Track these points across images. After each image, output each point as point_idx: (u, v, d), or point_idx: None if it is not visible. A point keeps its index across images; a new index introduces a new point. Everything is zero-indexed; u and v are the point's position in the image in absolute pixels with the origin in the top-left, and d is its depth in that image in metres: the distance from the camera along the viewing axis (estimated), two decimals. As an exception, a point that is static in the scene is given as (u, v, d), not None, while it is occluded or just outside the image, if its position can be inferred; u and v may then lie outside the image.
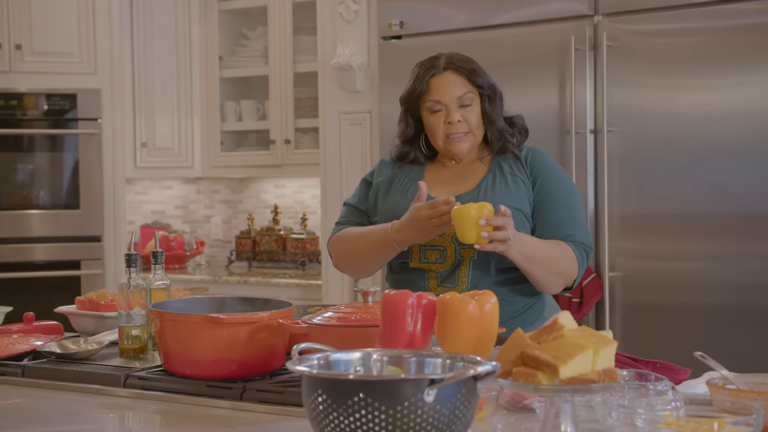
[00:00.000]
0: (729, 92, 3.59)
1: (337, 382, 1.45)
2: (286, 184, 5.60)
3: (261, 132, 5.42)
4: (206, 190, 5.91)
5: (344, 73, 4.47)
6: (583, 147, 3.85)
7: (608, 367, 1.62)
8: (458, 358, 1.58)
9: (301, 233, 5.37)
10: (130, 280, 2.39)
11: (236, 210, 5.80)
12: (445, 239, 2.57)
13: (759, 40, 3.54)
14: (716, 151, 3.61)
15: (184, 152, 5.46)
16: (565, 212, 2.62)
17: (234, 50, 5.47)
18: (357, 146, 4.52)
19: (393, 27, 4.30)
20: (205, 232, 5.90)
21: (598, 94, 3.82)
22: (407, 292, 1.79)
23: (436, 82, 2.64)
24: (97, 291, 2.77)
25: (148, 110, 5.38)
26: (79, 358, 2.37)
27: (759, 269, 3.54)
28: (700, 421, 1.61)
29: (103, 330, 2.64)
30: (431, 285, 2.61)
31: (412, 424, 1.43)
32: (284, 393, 2.01)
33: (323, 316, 2.07)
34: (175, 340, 2.15)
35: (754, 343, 3.52)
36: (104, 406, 2.14)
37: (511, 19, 4.05)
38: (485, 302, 1.78)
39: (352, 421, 1.44)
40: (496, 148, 2.68)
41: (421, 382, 1.43)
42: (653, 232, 3.75)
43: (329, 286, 4.59)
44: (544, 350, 1.59)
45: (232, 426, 1.91)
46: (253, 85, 5.48)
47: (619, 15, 3.80)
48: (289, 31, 5.13)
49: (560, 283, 2.59)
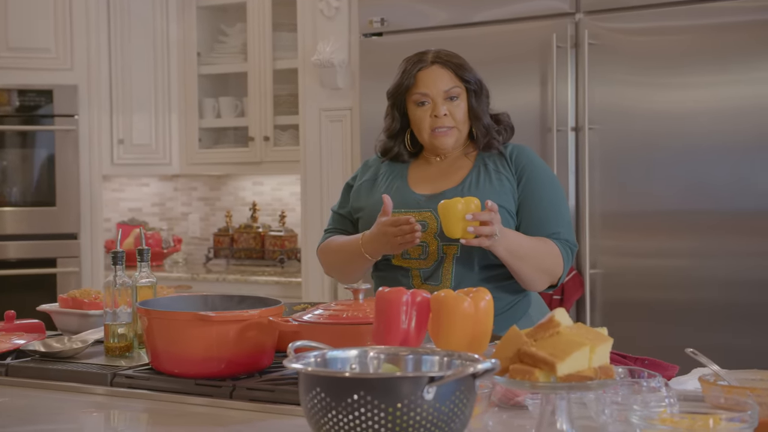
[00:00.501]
0: (709, 90, 3.61)
1: (337, 380, 1.44)
2: (264, 182, 5.58)
3: (239, 129, 5.39)
4: (183, 188, 5.87)
5: (325, 70, 4.46)
6: (565, 145, 3.86)
7: (604, 364, 1.62)
8: (456, 356, 1.58)
9: (279, 231, 5.35)
10: (116, 277, 2.37)
11: (214, 207, 5.77)
12: (428, 235, 2.56)
13: (739, 38, 3.56)
14: (696, 148, 3.63)
15: (162, 149, 5.42)
16: (550, 210, 2.61)
17: (212, 47, 5.44)
18: (337, 143, 4.51)
19: (374, 24, 4.29)
20: (182, 230, 5.86)
21: (580, 91, 3.83)
22: (401, 289, 1.79)
23: (423, 76, 2.64)
24: (80, 289, 2.74)
25: (125, 107, 5.34)
26: (63, 357, 2.35)
27: (738, 266, 3.56)
28: (695, 418, 1.61)
29: (87, 328, 2.61)
30: (415, 283, 2.60)
31: (412, 422, 1.43)
32: (275, 391, 2.00)
33: (314, 313, 2.06)
34: (163, 338, 2.13)
35: (735, 339, 3.54)
36: (91, 405, 2.12)
37: (492, 16, 4.05)
38: (480, 300, 1.77)
39: (352, 419, 1.43)
40: (482, 145, 2.67)
41: (421, 380, 1.43)
42: (634, 230, 3.76)
43: (309, 283, 4.57)
44: (540, 347, 1.59)
45: (224, 425, 1.89)
46: (231, 82, 5.45)
47: (600, 13, 3.81)
48: (268, 27, 5.11)
49: (545, 281, 2.59)
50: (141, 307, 2.19)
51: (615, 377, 1.60)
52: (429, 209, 2.57)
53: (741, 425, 1.55)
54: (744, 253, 3.55)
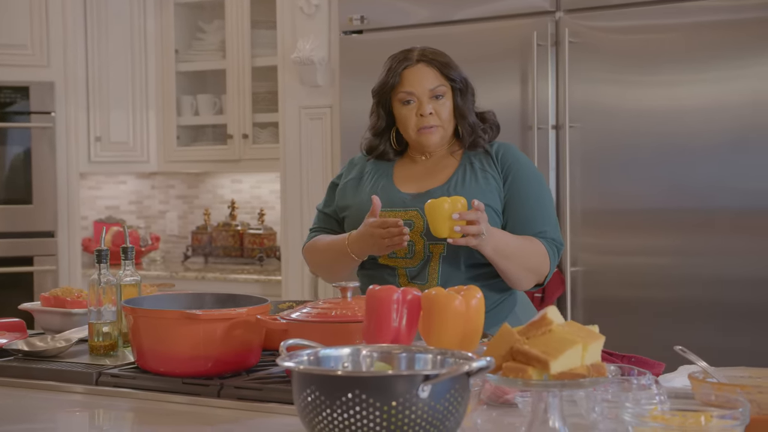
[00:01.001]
0: (690, 89, 3.63)
1: (331, 379, 1.43)
2: (243, 179, 5.56)
3: (218, 127, 5.37)
4: (161, 185, 5.84)
5: (305, 68, 4.45)
6: (545, 143, 3.86)
7: (596, 362, 1.62)
8: (449, 354, 1.58)
9: (258, 229, 5.33)
10: (100, 276, 2.35)
11: (192, 205, 5.74)
12: (414, 234, 2.56)
13: (719, 37, 3.58)
14: (677, 147, 3.64)
15: (139, 147, 5.39)
16: (537, 209, 2.61)
17: (190, 44, 5.41)
18: (317, 141, 4.49)
19: (354, 21, 4.28)
20: (160, 228, 5.83)
21: (560, 90, 3.84)
22: (392, 287, 1.78)
23: (408, 74, 2.63)
24: (62, 287, 2.72)
25: (102, 104, 5.30)
26: (47, 356, 2.33)
27: (719, 264, 3.58)
28: (686, 415, 1.61)
29: (70, 327, 2.59)
30: (401, 282, 2.60)
31: (407, 420, 1.42)
32: (263, 390, 1.99)
33: (302, 311, 2.05)
34: (149, 337, 2.12)
35: (716, 336, 3.56)
36: (76, 405, 2.10)
37: (472, 14, 4.06)
38: (471, 298, 1.77)
39: (346, 417, 1.42)
40: (468, 143, 2.67)
41: (416, 378, 1.42)
42: (614, 228, 3.77)
43: (289, 281, 4.56)
44: (533, 345, 1.59)
45: (212, 424, 1.88)
46: (209, 79, 5.43)
47: (580, 11, 3.82)
48: (246, 24, 5.09)
49: (531, 279, 2.59)
50: (127, 305, 2.17)
51: (607, 375, 1.60)
52: (415, 208, 2.57)
53: (733, 422, 1.56)
54: (724, 251, 3.57)
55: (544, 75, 3.87)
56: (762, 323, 3.50)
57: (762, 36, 3.51)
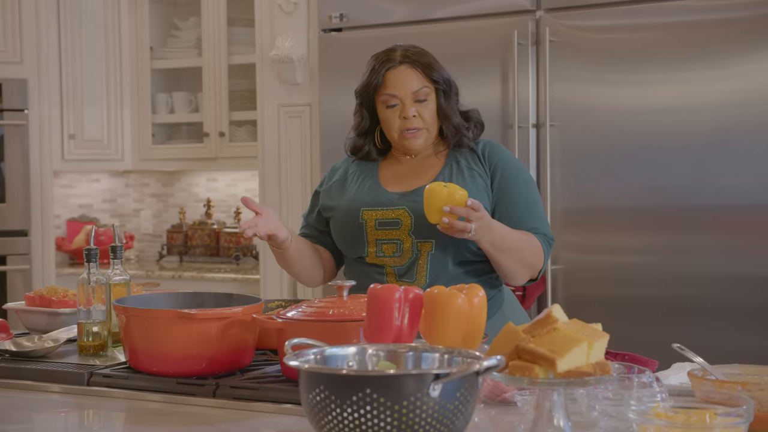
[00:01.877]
0: (669, 88, 3.65)
1: (342, 378, 1.42)
2: (218, 178, 5.53)
3: (193, 125, 5.33)
4: (135, 184, 5.79)
5: (284, 66, 4.43)
6: (526, 141, 3.87)
7: (600, 360, 1.62)
8: (455, 353, 1.57)
9: (234, 227, 5.31)
10: (90, 274, 2.32)
11: (167, 204, 5.70)
12: (402, 233, 2.55)
13: (698, 37, 3.60)
14: (657, 145, 3.66)
15: (114, 144, 5.34)
16: (526, 206, 2.61)
17: (165, 41, 5.37)
18: (296, 139, 4.48)
19: (333, 19, 4.27)
20: (134, 227, 5.78)
21: (541, 88, 3.85)
22: (394, 286, 1.78)
23: (391, 76, 2.61)
24: (47, 287, 2.68)
25: (76, 101, 5.25)
26: (35, 356, 2.30)
27: (698, 261, 3.60)
28: (689, 413, 1.62)
29: (56, 327, 2.56)
30: (389, 280, 2.59)
31: (417, 419, 1.42)
32: (260, 389, 1.98)
33: (298, 311, 2.04)
34: (142, 337, 2.10)
35: (695, 334, 3.58)
36: (67, 405, 2.07)
37: (452, 13, 4.05)
38: (473, 296, 1.77)
39: (357, 417, 1.42)
40: (452, 144, 2.66)
41: (427, 377, 1.42)
42: (594, 226, 3.79)
43: (267, 280, 4.54)
44: (539, 344, 1.59)
45: (211, 423, 1.86)
46: (185, 77, 5.39)
47: (561, 10, 3.83)
48: (223, 22, 5.06)
49: (526, 274, 2.59)
50: (119, 304, 2.15)
51: (612, 373, 1.61)
52: (402, 207, 2.57)
53: (737, 420, 1.57)
54: (703, 248, 3.60)
55: (525, 74, 3.87)
56: (741, 320, 3.53)
57: (740, 36, 3.53)
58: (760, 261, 3.53)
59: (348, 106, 4.22)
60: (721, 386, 1.73)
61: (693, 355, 1.90)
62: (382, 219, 2.58)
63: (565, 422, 1.61)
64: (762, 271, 3.52)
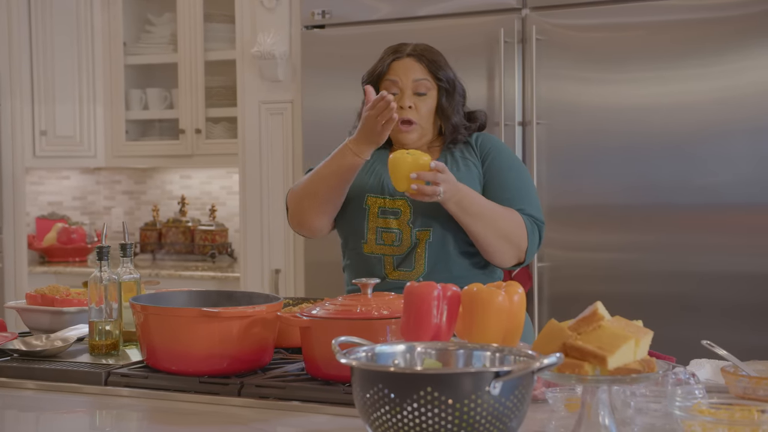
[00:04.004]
0: (656, 86, 3.68)
1: (404, 376, 1.41)
2: (192, 175, 5.47)
3: (168, 121, 5.27)
4: (106, 181, 5.72)
5: (265, 62, 4.39)
6: (512, 139, 3.88)
7: (645, 357, 1.63)
8: (506, 351, 1.57)
9: (210, 225, 5.26)
10: (101, 273, 2.28)
11: (139, 201, 5.63)
12: (401, 223, 2.58)
13: (683, 36, 3.64)
14: (642, 144, 3.70)
15: (86, 141, 5.26)
16: (515, 190, 2.62)
17: (138, 36, 5.30)
18: (278, 136, 4.45)
19: (316, 16, 4.25)
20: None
21: (527, 86, 3.86)
22: (432, 283, 1.77)
23: (396, 66, 2.66)
24: (48, 285, 2.63)
25: (47, 97, 5.17)
26: (46, 356, 2.25)
27: (684, 259, 3.64)
28: (731, 409, 1.63)
29: (59, 326, 2.51)
30: (387, 270, 2.60)
31: (478, 417, 1.41)
32: (286, 388, 1.96)
33: (323, 308, 2.02)
34: (162, 335, 2.07)
35: (681, 330, 3.61)
36: (88, 405, 2.03)
37: (438, 10, 4.06)
38: (513, 293, 1.77)
39: (418, 415, 1.41)
40: (448, 141, 2.68)
41: (488, 375, 1.41)
42: (581, 224, 3.81)
43: (248, 278, 4.50)
44: (586, 341, 1.59)
45: (244, 423, 1.84)
46: (159, 73, 5.33)
47: (547, 9, 3.85)
48: (199, 17, 5.01)
49: (508, 251, 2.56)
50: (137, 302, 2.11)
51: (657, 370, 1.61)
52: (402, 197, 2.58)
53: (783, 416, 1.58)
54: (688, 246, 3.64)
55: (511, 72, 3.88)
56: (725, 316, 3.57)
57: (724, 35, 3.58)
58: (743, 258, 3.57)
59: (331, 103, 4.24)
60: (759, 383, 1.74)
61: (725, 353, 1.92)
62: (384, 207, 2.60)
63: (610, 420, 1.61)
64: (745, 268, 3.57)
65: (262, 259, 4.45)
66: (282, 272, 4.40)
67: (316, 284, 4.23)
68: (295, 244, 4.38)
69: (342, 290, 3.08)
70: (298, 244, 4.37)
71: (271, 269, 4.42)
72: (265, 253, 4.44)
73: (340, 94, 4.19)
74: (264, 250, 4.44)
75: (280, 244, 4.41)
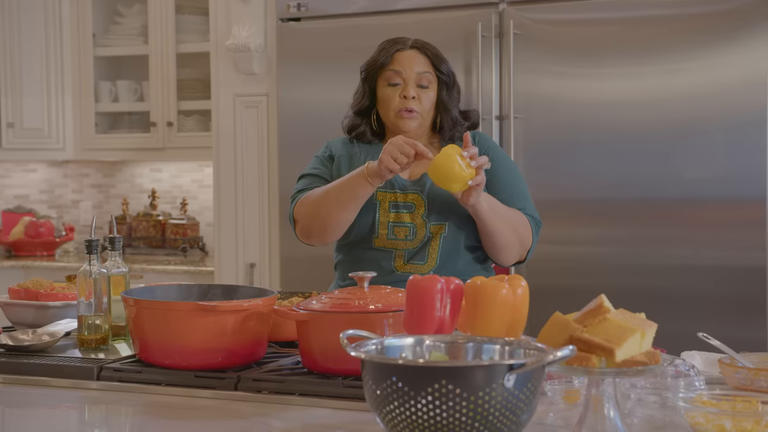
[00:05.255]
0: (632, 81, 3.71)
1: (417, 369, 1.41)
2: (163, 168, 5.43)
3: (138, 114, 5.22)
4: (74, 174, 5.65)
5: (240, 55, 4.36)
6: (489, 133, 3.89)
7: (650, 350, 1.64)
8: (515, 344, 1.57)
9: (181, 219, 5.22)
10: (91, 266, 2.26)
11: (108, 195, 5.57)
12: (415, 217, 2.59)
13: (660, 31, 3.66)
14: (620, 138, 3.72)
15: (55, 133, 5.20)
16: (514, 190, 2.67)
17: (108, 28, 5.24)
18: (253, 129, 4.42)
19: (291, 9, 4.23)
20: (72, 218, 5.64)
21: (504, 81, 3.87)
22: (435, 276, 1.77)
23: (399, 56, 2.67)
24: (31, 279, 2.60)
25: (14, 89, 5.10)
26: (33, 351, 2.22)
27: (660, 252, 3.67)
28: (733, 400, 1.65)
29: (45, 320, 2.47)
30: (397, 264, 2.60)
31: (492, 409, 1.41)
32: (285, 382, 1.95)
33: (320, 302, 2.01)
34: (156, 329, 2.04)
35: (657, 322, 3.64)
36: (80, 401, 2.01)
37: (415, 4, 4.05)
38: (517, 286, 1.77)
39: (431, 408, 1.40)
40: (447, 137, 2.70)
41: (502, 368, 1.41)
42: (559, 218, 3.83)
43: (222, 272, 4.47)
44: (593, 333, 1.60)
45: (245, 417, 1.83)
46: (129, 65, 5.27)
47: (524, 4, 3.86)
48: (171, 9, 4.96)
49: (517, 250, 2.63)
50: (129, 296, 2.09)
51: (661, 362, 1.62)
52: (415, 191, 2.61)
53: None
54: (665, 240, 3.67)
55: (488, 66, 3.89)
56: (704, 309, 3.61)
57: (700, 30, 3.61)
58: (718, 252, 3.61)
59: (307, 97, 4.23)
60: (757, 374, 1.76)
61: (720, 344, 1.93)
62: (395, 201, 2.60)
63: (615, 412, 1.62)
64: (720, 261, 3.60)
65: (237, 253, 4.42)
66: (257, 266, 4.38)
67: (291, 278, 4.21)
68: (270, 238, 4.36)
69: (321, 285, 3.07)
70: (273, 238, 4.35)
71: (246, 263, 4.40)
72: (239, 247, 4.41)
73: (316, 88, 4.18)
74: (239, 243, 4.41)
75: (255, 238, 4.39)
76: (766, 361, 1.89)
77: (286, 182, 4.16)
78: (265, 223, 4.36)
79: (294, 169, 3.88)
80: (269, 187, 4.37)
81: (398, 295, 2.01)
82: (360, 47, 3.02)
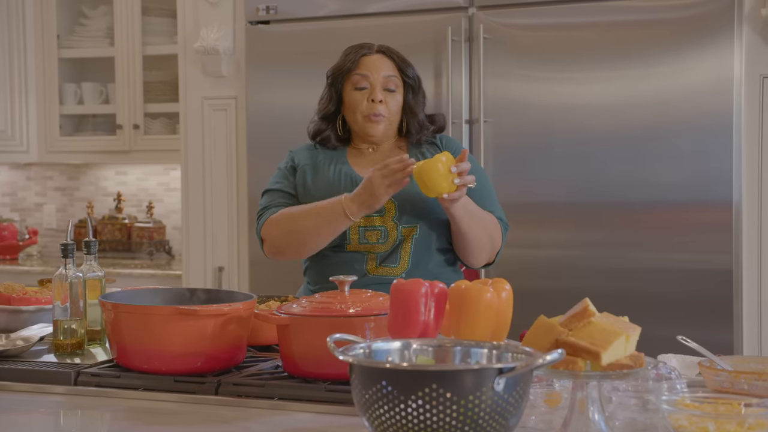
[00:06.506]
0: (601, 86, 3.74)
1: (408, 373, 1.41)
2: (128, 171, 5.38)
3: (105, 116, 5.17)
4: (37, 177, 5.59)
5: (208, 58, 4.34)
6: (459, 137, 3.90)
7: (634, 353, 1.65)
8: (503, 348, 1.58)
9: (147, 222, 5.18)
10: (67, 270, 2.23)
11: (72, 198, 5.51)
12: (386, 220, 2.59)
13: (629, 36, 3.70)
14: (589, 142, 3.75)
15: (18, 136, 5.14)
16: (483, 194, 2.69)
17: (73, 29, 5.19)
18: (221, 132, 4.39)
19: (260, 12, 4.21)
20: (36, 221, 5.58)
21: (474, 85, 3.89)
22: (419, 280, 1.77)
23: (366, 61, 2.69)
24: (3, 284, 2.57)
25: (-23, 90, 5.04)
26: (9, 356, 2.19)
27: (631, 256, 3.71)
28: (713, 403, 1.66)
29: (17, 325, 2.45)
30: (369, 267, 2.61)
31: (482, 413, 1.42)
32: (265, 386, 1.94)
33: (300, 305, 2.01)
34: (134, 334, 2.03)
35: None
36: (57, 406, 1.98)
37: (385, 8, 4.06)
38: (501, 290, 1.78)
39: (422, 412, 1.40)
40: (414, 140, 2.72)
41: (492, 372, 1.42)
42: (528, 222, 3.85)
43: (190, 276, 4.44)
44: (578, 337, 1.61)
45: (228, 422, 1.81)
46: (94, 67, 5.22)
47: (494, 8, 3.88)
48: (137, 11, 4.93)
49: (488, 251, 2.66)
50: (108, 300, 2.07)
51: (645, 365, 1.64)
52: None
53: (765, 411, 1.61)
54: (636, 243, 3.70)
55: (458, 70, 3.90)
56: (675, 313, 3.64)
57: (669, 36, 3.64)
58: (686, 255, 3.65)
59: (276, 100, 4.21)
60: (737, 377, 1.78)
61: (698, 347, 1.95)
62: None
63: (599, 415, 1.63)
64: (688, 265, 3.64)
65: (205, 256, 4.40)
66: (225, 269, 4.36)
67: (260, 282, 4.19)
68: (239, 241, 4.34)
69: (290, 288, 3.06)
70: (242, 241, 4.33)
71: (214, 266, 4.37)
72: (208, 251, 4.39)
73: (285, 91, 4.17)
74: (207, 247, 4.39)
75: (224, 242, 4.37)
76: (744, 364, 1.91)
77: (254, 185, 4.14)
78: (233, 226, 4.34)
79: (262, 172, 3.87)
80: (238, 190, 4.35)
81: (379, 299, 2.01)
82: (329, 51, 3.01)
